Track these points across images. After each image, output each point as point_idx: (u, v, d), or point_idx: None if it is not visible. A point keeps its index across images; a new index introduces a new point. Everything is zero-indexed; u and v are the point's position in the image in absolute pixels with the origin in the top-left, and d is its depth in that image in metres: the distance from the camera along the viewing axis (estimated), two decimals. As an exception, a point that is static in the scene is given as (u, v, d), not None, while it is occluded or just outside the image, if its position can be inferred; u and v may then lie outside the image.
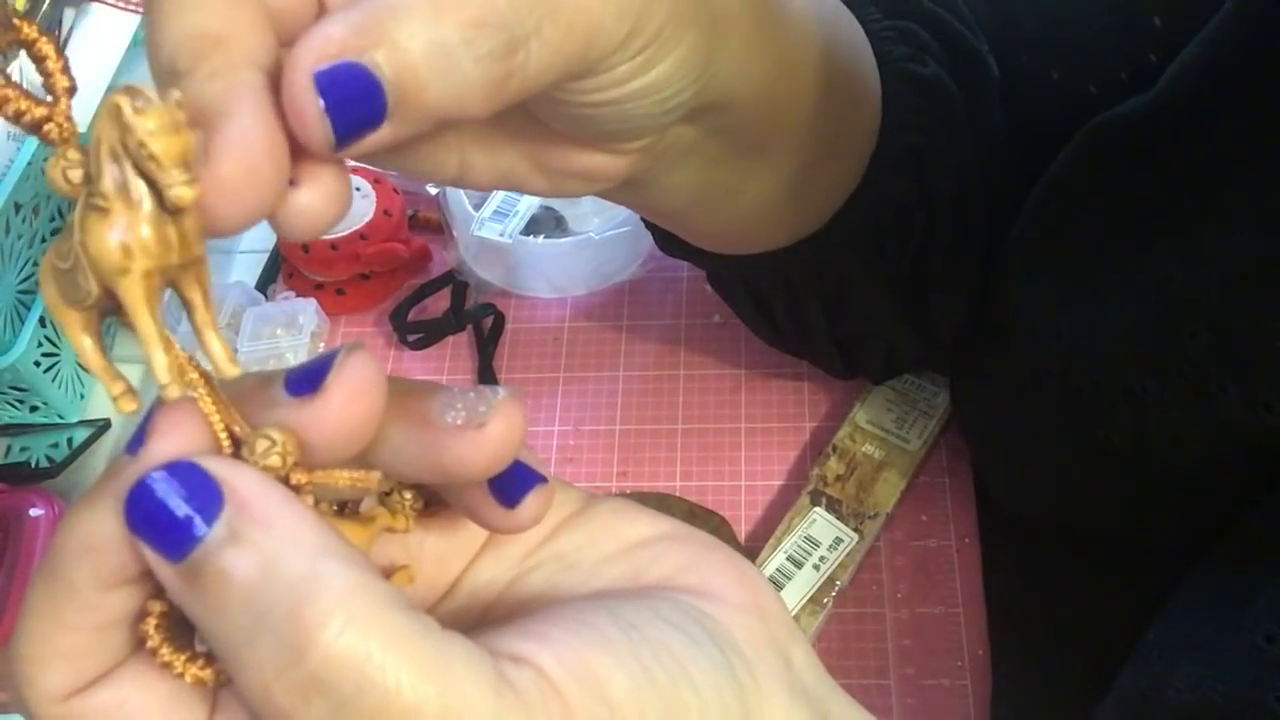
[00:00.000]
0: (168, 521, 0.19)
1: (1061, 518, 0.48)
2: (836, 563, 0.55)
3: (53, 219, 0.66)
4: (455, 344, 0.69)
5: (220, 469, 0.19)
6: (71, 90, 0.20)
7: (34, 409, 0.66)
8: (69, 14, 0.70)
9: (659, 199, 0.38)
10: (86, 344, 0.21)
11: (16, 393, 0.64)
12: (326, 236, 0.63)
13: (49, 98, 0.20)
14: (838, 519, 0.57)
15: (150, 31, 0.22)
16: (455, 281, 0.70)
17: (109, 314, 0.21)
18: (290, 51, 0.22)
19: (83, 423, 0.67)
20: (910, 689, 0.54)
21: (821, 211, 0.44)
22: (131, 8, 0.68)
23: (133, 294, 0.19)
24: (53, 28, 0.69)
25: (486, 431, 0.21)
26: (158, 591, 0.20)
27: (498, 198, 0.67)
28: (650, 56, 0.27)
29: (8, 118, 0.20)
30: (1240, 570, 0.35)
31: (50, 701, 0.20)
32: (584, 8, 0.25)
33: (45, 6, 0.68)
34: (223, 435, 0.20)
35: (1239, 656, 0.32)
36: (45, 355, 0.64)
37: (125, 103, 0.19)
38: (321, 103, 0.21)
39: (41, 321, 0.64)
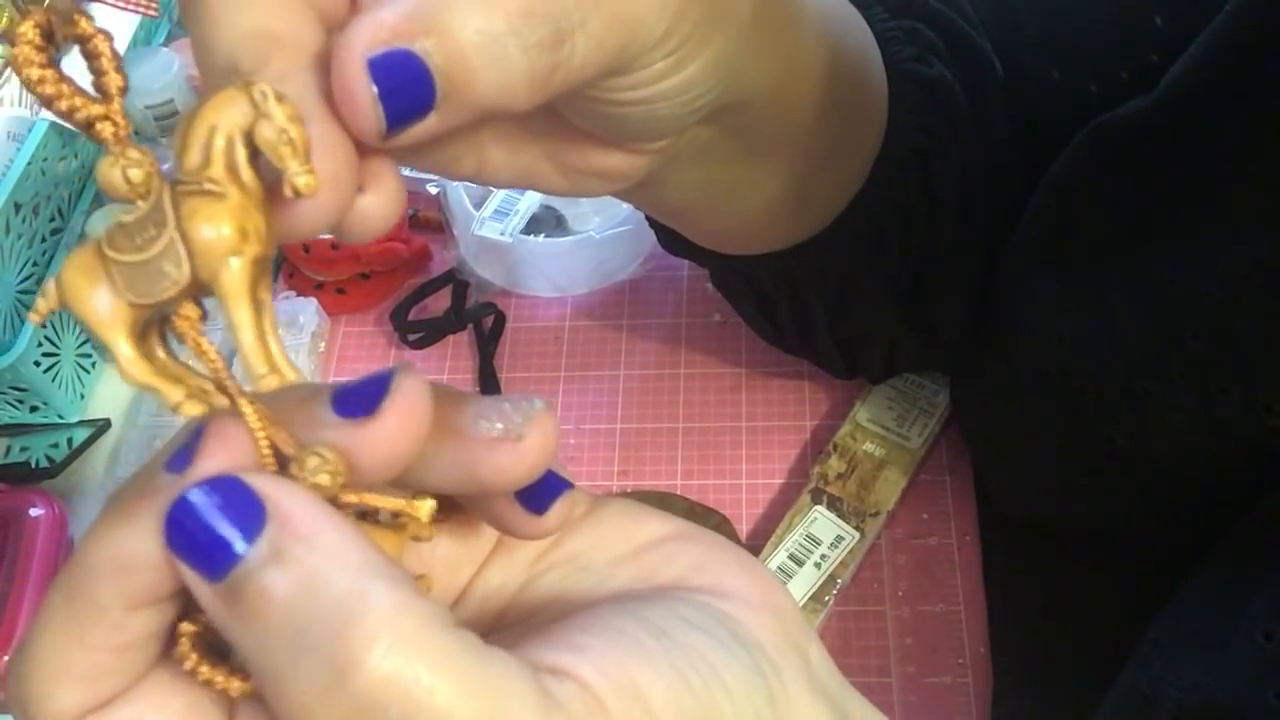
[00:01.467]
0: (208, 540, 0.18)
1: (1061, 518, 0.48)
2: (838, 561, 0.55)
3: (53, 219, 0.66)
4: (455, 343, 0.69)
5: (264, 485, 0.19)
6: (124, 89, 0.20)
7: (34, 409, 0.66)
8: (68, 14, 0.70)
9: (670, 198, 0.38)
10: (129, 351, 0.20)
11: (16, 393, 0.64)
12: (324, 236, 0.63)
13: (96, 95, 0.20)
14: (839, 517, 0.57)
15: (201, 29, 0.22)
16: (456, 281, 0.70)
17: (165, 314, 0.20)
18: (340, 38, 0.22)
19: (83, 423, 0.67)
20: (912, 687, 0.54)
21: (827, 211, 0.44)
22: (131, 8, 0.68)
23: (238, 280, 0.19)
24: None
25: (525, 444, 0.20)
26: (188, 608, 0.20)
27: (498, 197, 0.67)
28: (684, 55, 0.28)
29: (60, 114, 0.20)
30: (1240, 569, 0.35)
31: None
32: (627, 3, 0.25)
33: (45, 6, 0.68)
34: (267, 452, 0.20)
35: (1239, 655, 0.32)
36: (45, 355, 0.64)
37: (268, 91, 0.19)
38: (375, 89, 0.21)
39: (41, 321, 0.63)
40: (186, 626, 0.20)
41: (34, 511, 0.60)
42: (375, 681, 0.17)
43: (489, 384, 0.66)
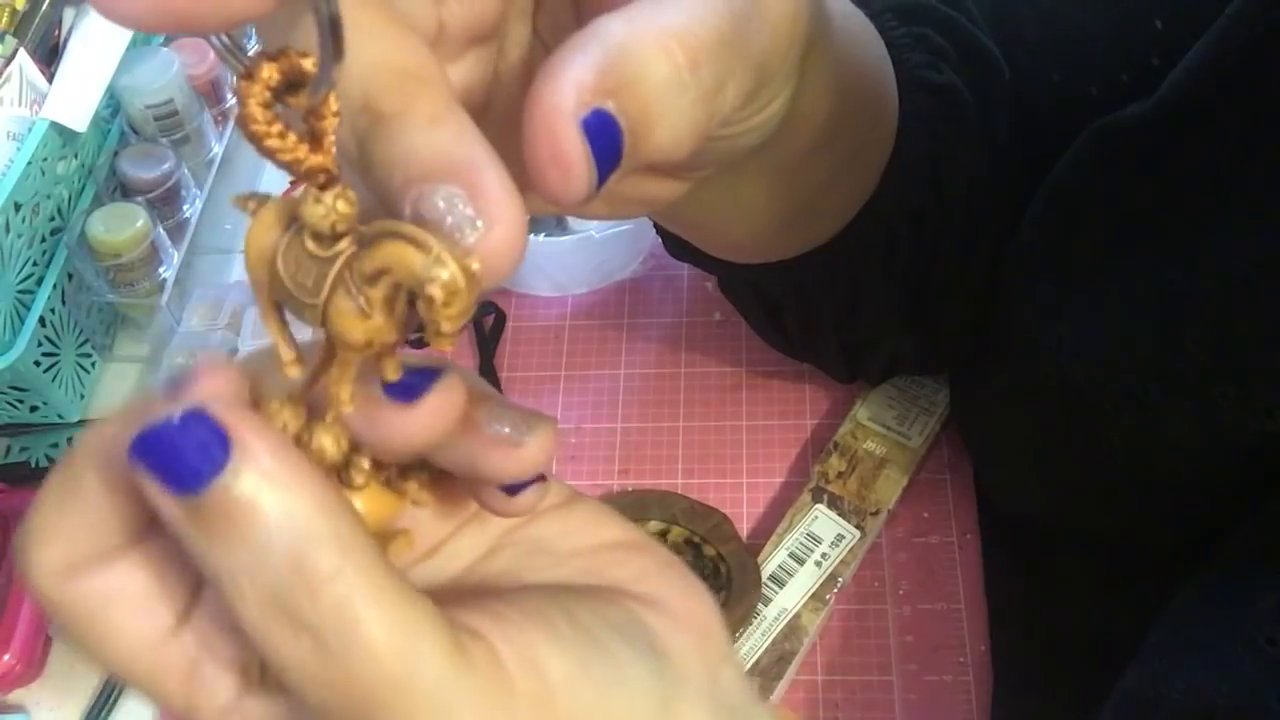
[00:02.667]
0: (172, 461, 0.19)
1: (1062, 521, 0.48)
2: (838, 559, 0.55)
3: (52, 219, 0.65)
4: (456, 342, 0.68)
5: (234, 417, 0.19)
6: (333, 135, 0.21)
7: (34, 409, 0.66)
8: (69, 14, 0.70)
9: (690, 214, 0.39)
10: (268, 307, 0.22)
11: (16, 393, 0.64)
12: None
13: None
14: (839, 516, 0.57)
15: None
16: (456, 280, 0.69)
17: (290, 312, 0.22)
18: (540, 97, 0.22)
19: (83, 423, 0.67)
20: (913, 685, 0.54)
21: (838, 219, 0.44)
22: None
23: (348, 360, 0.21)
24: (52, 28, 0.69)
25: (523, 451, 0.23)
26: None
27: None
28: (772, 95, 0.28)
29: (281, 165, 0.20)
30: (1242, 572, 0.35)
31: (49, 576, 0.21)
32: (761, 49, 0.25)
33: (45, 6, 0.68)
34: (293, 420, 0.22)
35: (1241, 658, 0.32)
36: (45, 355, 0.64)
37: (439, 263, 0.19)
38: (588, 151, 0.22)
39: (41, 321, 0.64)
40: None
41: (34, 511, 0.60)
42: (324, 605, 0.19)
43: (490, 383, 0.66)
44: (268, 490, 0.19)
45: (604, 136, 0.22)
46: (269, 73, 0.19)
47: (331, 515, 0.20)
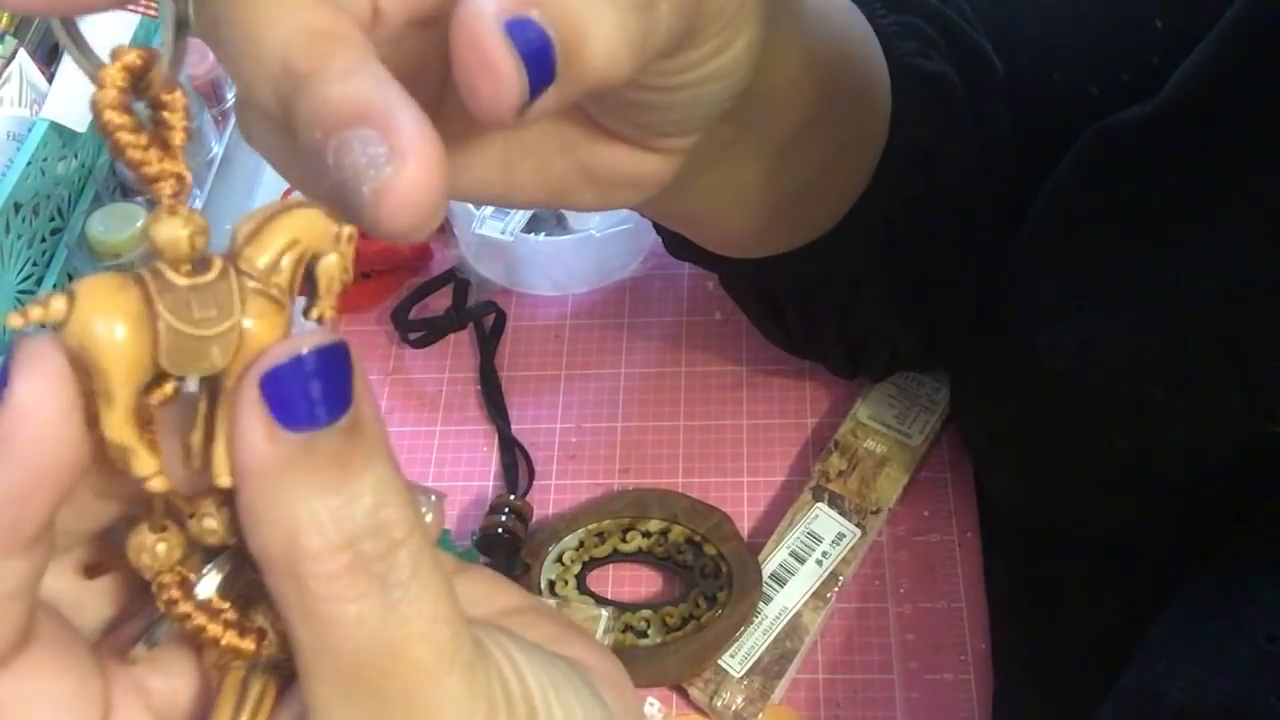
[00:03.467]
0: (301, 397, 0.19)
1: (1063, 520, 0.48)
2: (839, 558, 0.55)
3: (52, 219, 0.66)
4: (456, 342, 0.69)
5: (358, 372, 0.20)
6: (185, 145, 0.21)
7: (35, 409, 0.66)
8: (68, 14, 0.70)
9: (689, 204, 0.39)
10: (127, 412, 0.19)
11: (17, 393, 0.64)
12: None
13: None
14: (840, 514, 0.57)
15: (241, 32, 0.21)
16: (456, 279, 0.70)
17: (168, 391, 0.20)
18: (463, 6, 0.21)
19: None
20: (914, 683, 0.54)
21: (835, 210, 0.44)
22: (131, 8, 0.68)
23: (252, 379, 0.20)
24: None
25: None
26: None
27: (498, 195, 0.67)
28: (729, 35, 0.28)
29: (128, 164, 0.20)
30: (1242, 571, 0.35)
31: None
32: None
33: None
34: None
35: (1241, 656, 0.32)
36: (46, 355, 0.64)
37: (354, 234, 0.20)
38: (516, 56, 0.21)
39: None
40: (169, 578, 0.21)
41: (35, 511, 0.60)
42: (400, 562, 0.19)
43: (490, 382, 0.66)
44: (376, 446, 0.20)
45: (532, 47, 0.21)
46: (119, 69, 0.19)
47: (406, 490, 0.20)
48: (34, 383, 0.19)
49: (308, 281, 0.21)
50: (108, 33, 0.68)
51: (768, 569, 0.55)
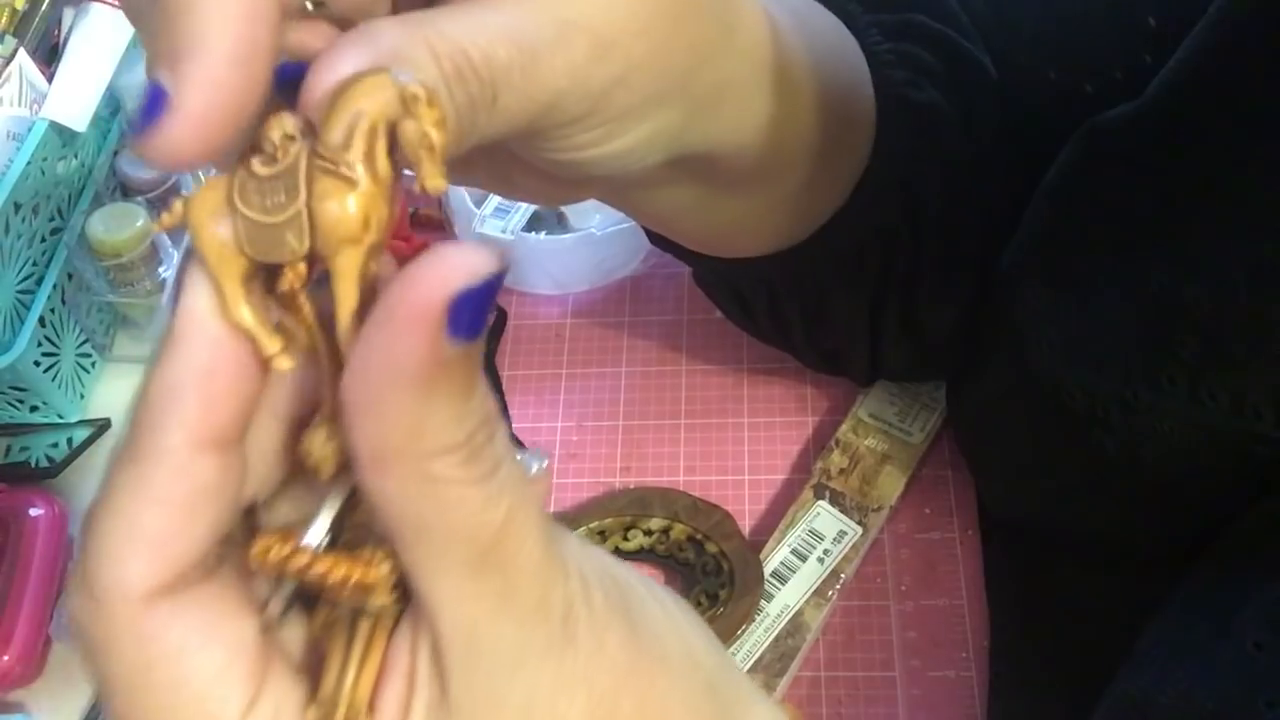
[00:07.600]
0: (478, 311, 0.20)
1: (1055, 524, 0.48)
2: (840, 556, 0.55)
3: (52, 219, 0.65)
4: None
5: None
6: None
7: (34, 409, 0.66)
8: (69, 14, 0.70)
9: (641, 210, 0.39)
10: (237, 294, 0.20)
11: (16, 393, 0.64)
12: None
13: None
14: (841, 512, 0.57)
15: None
16: (456, 279, 0.69)
17: (291, 279, 0.21)
18: (308, 85, 0.21)
19: (83, 422, 0.67)
20: (915, 681, 0.54)
21: (807, 225, 0.44)
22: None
23: (353, 264, 0.20)
24: (52, 28, 0.69)
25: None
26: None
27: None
28: (611, 131, 0.28)
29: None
30: (1230, 577, 0.35)
31: (125, 601, 0.20)
32: (541, 87, 0.25)
33: (45, 6, 0.68)
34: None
35: (1229, 664, 0.32)
36: (45, 355, 0.64)
37: (421, 94, 0.20)
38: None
39: (41, 321, 0.63)
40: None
41: (34, 511, 0.60)
42: (504, 453, 0.21)
43: (490, 381, 0.66)
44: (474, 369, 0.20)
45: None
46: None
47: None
48: (201, 290, 0.20)
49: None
50: (107, 32, 0.68)
51: (769, 567, 0.55)
